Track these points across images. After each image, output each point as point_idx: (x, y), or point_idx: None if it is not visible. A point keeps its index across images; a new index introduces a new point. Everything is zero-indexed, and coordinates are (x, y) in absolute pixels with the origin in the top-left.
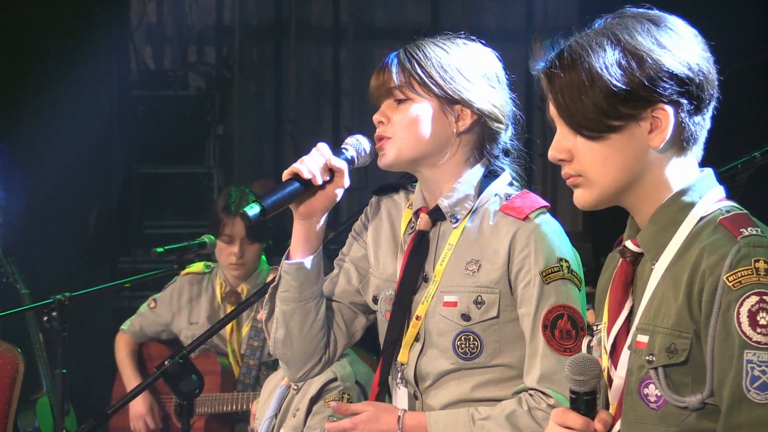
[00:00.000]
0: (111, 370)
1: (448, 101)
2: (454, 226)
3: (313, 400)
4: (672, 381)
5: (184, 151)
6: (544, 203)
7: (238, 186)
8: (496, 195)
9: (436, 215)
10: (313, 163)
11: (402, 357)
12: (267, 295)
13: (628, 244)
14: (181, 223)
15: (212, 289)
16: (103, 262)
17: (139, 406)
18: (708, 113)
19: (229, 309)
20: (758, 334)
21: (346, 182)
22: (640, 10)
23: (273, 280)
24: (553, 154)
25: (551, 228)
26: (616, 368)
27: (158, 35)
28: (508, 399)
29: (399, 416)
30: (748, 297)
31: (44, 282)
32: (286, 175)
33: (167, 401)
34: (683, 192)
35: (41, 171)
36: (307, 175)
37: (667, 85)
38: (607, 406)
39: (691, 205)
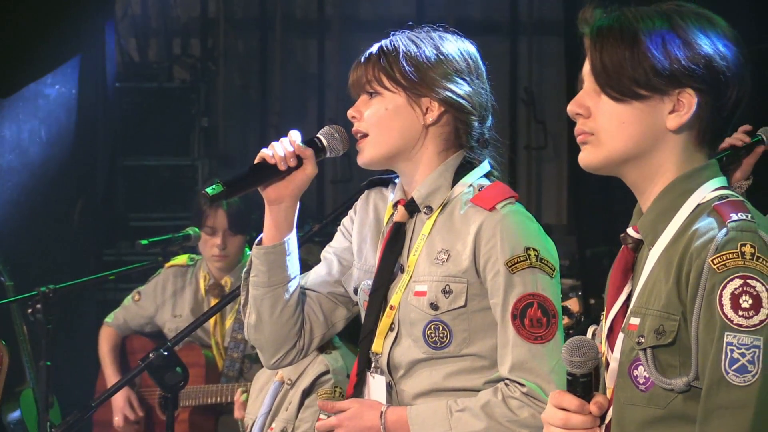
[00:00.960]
0: (95, 363)
1: (415, 94)
2: (428, 217)
3: (306, 393)
4: (660, 363)
5: (169, 144)
6: (512, 193)
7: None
8: (470, 186)
9: (412, 207)
10: (281, 148)
11: (376, 346)
12: (242, 281)
13: (630, 231)
14: (166, 216)
15: (196, 282)
16: (88, 254)
17: (117, 401)
18: (734, 115)
19: (212, 302)
20: (739, 317)
21: (314, 169)
22: (698, 6)
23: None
24: (572, 107)
25: (518, 218)
26: (612, 351)
27: (143, 27)
28: (480, 388)
29: (382, 411)
30: (731, 280)
31: (29, 274)
32: (256, 159)
33: (152, 394)
34: (684, 177)
35: (26, 163)
36: (272, 160)
37: (700, 74)
38: (605, 390)
39: (690, 191)
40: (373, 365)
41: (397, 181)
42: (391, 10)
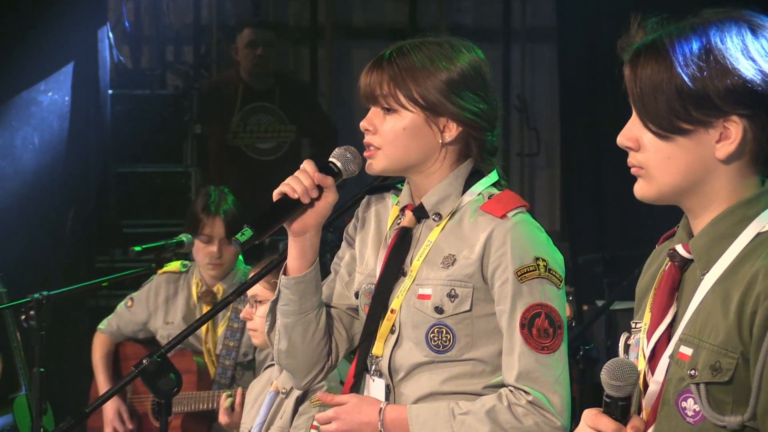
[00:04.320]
0: (89, 369)
1: (434, 114)
2: (437, 224)
3: (299, 401)
4: (713, 398)
5: (161, 151)
6: (523, 202)
7: (217, 186)
8: (479, 194)
9: (420, 213)
10: (300, 182)
11: (377, 349)
12: (268, 309)
13: (679, 248)
14: (159, 222)
15: (188, 289)
16: (81, 261)
17: (107, 413)
18: None
19: (205, 309)
20: None
21: (335, 196)
22: (747, 12)
23: (251, 279)
24: (621, 140)
25: (528, 227)
26: (653, 374)
27: (136, 34)
28: (479, 392)
29: (381, 408)
30: None
31: (22, 281)
32: (275, 195)
33: (144, 400)
34: (743, 204)
35: (18, 170)
36: (294, 195)
37: (743, 99)
38: (639, 410)
39: (749, 219)
40: (373, 368)
41: (400, 186)
42: (384, 18)
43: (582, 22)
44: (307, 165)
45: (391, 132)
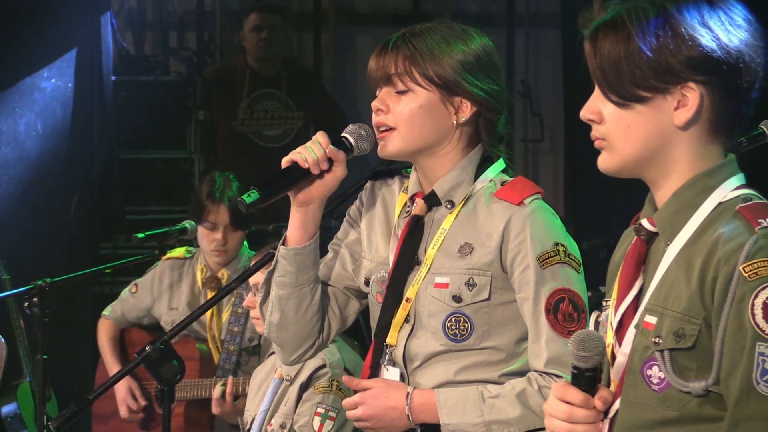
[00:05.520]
0: (92, 356)
1: (449, 93)
2: (449, 211)
3: (303, 388)
4: (677, 365)
5: (165, 137)
6: (538, 189)
7: (222, 171)
8: (491, 181)
9: (432, 200)
10: (312, 152)
11: (391, 339)
12: (263, 279)
13: (644, 222)
14: (163, 209)
15: (193, 275)
16: (84, 247)
17: (119, 391)
18: (745, 101)
19: (209, 294)
20: None
21: (344, 171)
22: None
23: (254, 265)
24: (584, 114)
25: (546, 213)
26: (620, 346)
27: (139, 21)
28: (496, 381)
29: (408, 392)
30: (763, 289)
31: (25, 268)
32: (285, 162)
33: (148, 387)
34: (704, 175)
35: (22, 156)
36: (305, 165)
37: (699, 66)
38: (609, 383)
39: (710, 189)
40: (387, 357)
41: (405, 173)
42: (387, 3)
43: (586, 8)
44: (321, 137)
45: (405, 111)
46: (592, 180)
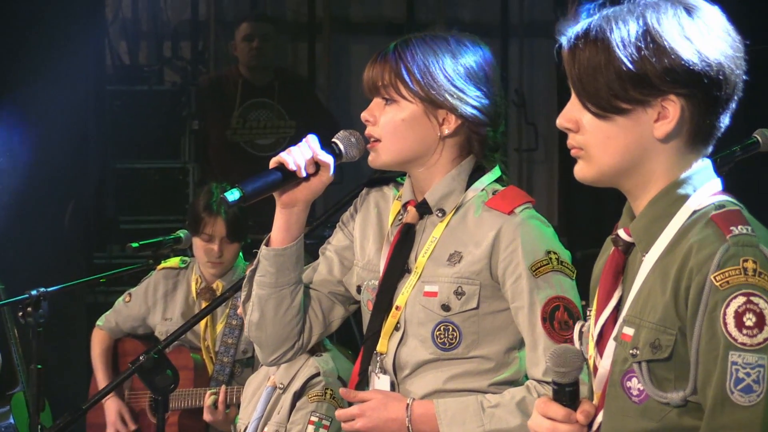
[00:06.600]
0: (87, 366)
1: (433, 106)
2: (440, 219)
3: (297, 396)
4: (655, 376)
5: (159, 147)
6: (529, 198)
7: (219, 183)
8: (483, 190)
9: (423, 209)
10: (300, 155)
11: (381, 347)
12: (246, 278)
13: (621, 233)
14: (157, 219)
15: (187, 285)
16: (79, 257)
17: (109, 414)
18: (724, 113)
19: (203, 305)
20: (744, 335)
21: (330, 177)
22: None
23: (249, 274)
24: (561, 121)
25: (536, 222)
26: (601, 357)
27: (133, 30)
28: (485, 390)
29: (408, 404)
30: (735, 297)
31: (19, 277)
32: (272, 163)
33: (141, 397)
34: (678, 183)
35: (16, 166)
36: (292, 167)
37: (681, 79)
38: (592, 395)
39: (684, 198)
40: (378, 365)
41: (400, 180)
42: (382, 12)
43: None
44: (311, 140)
45: (390, 122)
46: (587, 189)
